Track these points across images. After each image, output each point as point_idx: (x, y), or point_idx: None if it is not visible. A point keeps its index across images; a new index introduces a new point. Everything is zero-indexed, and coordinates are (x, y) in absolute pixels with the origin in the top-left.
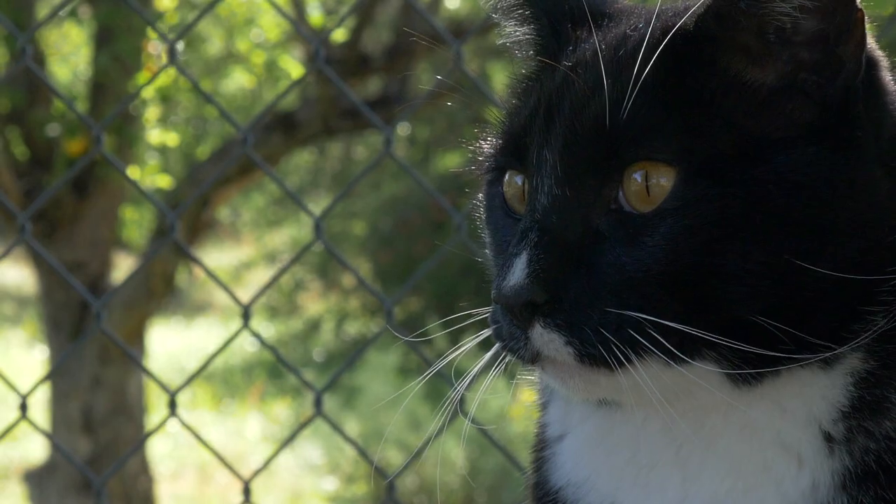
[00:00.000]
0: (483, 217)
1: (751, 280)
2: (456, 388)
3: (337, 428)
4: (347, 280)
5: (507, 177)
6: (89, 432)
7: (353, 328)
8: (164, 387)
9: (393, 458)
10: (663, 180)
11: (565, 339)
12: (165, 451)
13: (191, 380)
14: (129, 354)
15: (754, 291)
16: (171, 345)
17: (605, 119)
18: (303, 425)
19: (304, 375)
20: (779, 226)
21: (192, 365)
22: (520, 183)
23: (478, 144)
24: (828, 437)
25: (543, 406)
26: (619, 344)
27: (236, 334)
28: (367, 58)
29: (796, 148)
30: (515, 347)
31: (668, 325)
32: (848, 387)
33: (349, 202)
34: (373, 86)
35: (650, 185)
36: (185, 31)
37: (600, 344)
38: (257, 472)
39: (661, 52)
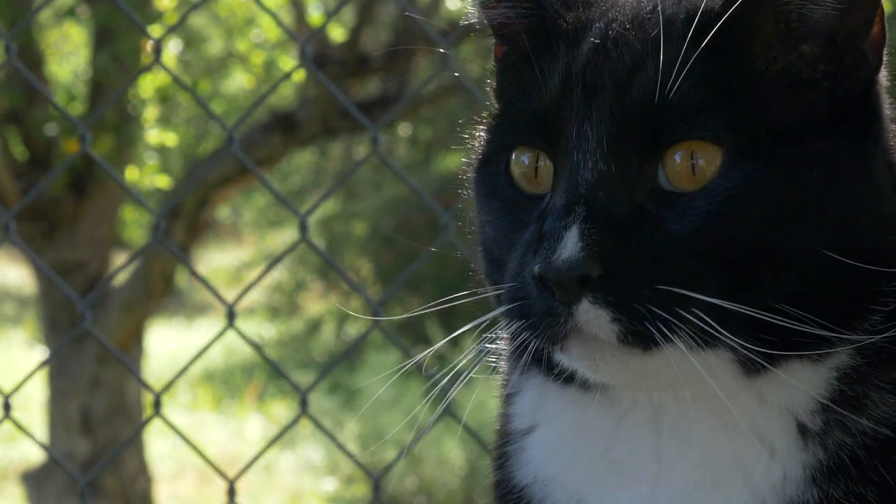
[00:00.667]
0: (481, 199)
1: (788, 264)
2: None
3: (321, 427)
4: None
5: (513, 156)
6: (88, 433)
7: (353, 329)
8: (147, 387)
9: (392, 458)
10: (708, 160)
11: (612, 316)
12: (165, 451)
13: (173, 381)
14: (108, 348)
15: (789, 276)
16: (172, 345)
17: (654, 96)
18: (288, 425)
19: (292, 376)
20: (815, 211)
21: (194, 366)
22: (527, 162)
23: (473, 131)
24: (802, 430)
25: (509, 397)
26: (666, 321)
27: (220, 333)
28: (367, 58)
29: (828, 136)
30: (547, 325)
31: (714, 304)
32: (831, 381)
33: (351, 203)
34: (373, 86)
35: (695, 164)
36: (172, 29)
37: (647, 322)
38: (242, 472)
39: (699, 32)
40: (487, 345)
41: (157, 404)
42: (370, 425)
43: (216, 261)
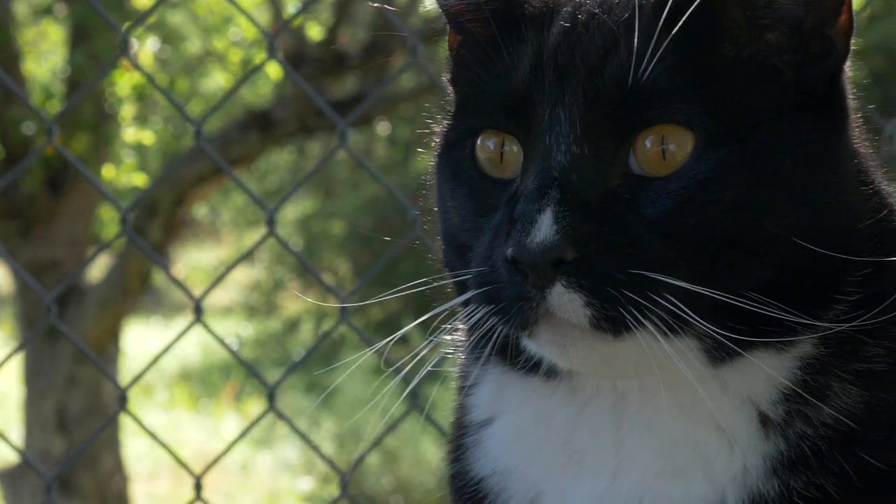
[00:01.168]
0: (445, 184)
1: (758, 250)
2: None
3: (289, 423)
4: (326, 279)
5: (479, 141)
6: (64, 431)
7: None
8: (115, 383)
9: (369, 457)
10: (680, 145)
11: (585, 300)
12: (142, 450)
13: (137, 378)
14: (73, 341)
15: (759, 263)
16: (150, 344)
17: (626, 80)
18: (256, 420)
19: (268, 374)
20: (784, 197)
21: (171, 365)
22: (492, 147)
23: (436, 121)
24: (764, 420)
25: (467, 389)
26: (638, 305)
27: (187, 329)
28: (344, 56)
29: (798, 123)
30: (518, 310)
31: (686, 289)
32: (794, 371)
33: (329, 202)
34: (350, 84)
35: (666, 149)
36: (136, 23)
37: (620, 306)
38: (208, 468)
39: (671, 17)
40: (445, 336)
41: (122, 400)
42: (347, 424)
43: (194, 260)
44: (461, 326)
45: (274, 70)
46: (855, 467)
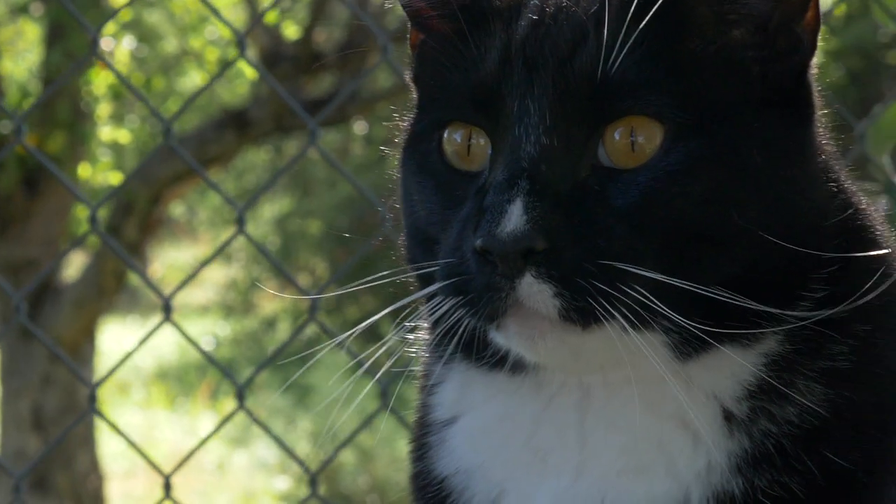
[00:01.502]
0: (411, 177)
1: (727, 244)
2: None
3: (262, 425)
4: (303, 279)
5: (446, 134)
6: (39, 430)
7: (309, 327)
8: (84, 381)
9: (344, 456)
10: (649, 137)
11: (555, 291)
12: (118, 449)
13: (108, 375)
14: (42, 340)
15: (727, 256)
16: (127, 343)
17: (596, 72)
18: (224, 420)
19: (244, 373)
20: (753, 191)
21: (147, 364)
22: (458, 140)
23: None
24: (728, 417)
25: (430, 388)
26: (608, 296)
27: (156, 328)
28: (320, 55)
29: (766, 118)
30: (487, 301)
31: (655, 280)
32: (759, 367)
33: (306, 201)
34: (327, 83)
35: (635, 141)
36: (105, 21)
37: (590, 297)
38: (177, 468)
39: (640, 10)
40: (408, 334)
41: (91, 399)
42: (323, 423)
43: (171, 258)
44: (425, 324)
45: (250, 69)
46: (819, 466)
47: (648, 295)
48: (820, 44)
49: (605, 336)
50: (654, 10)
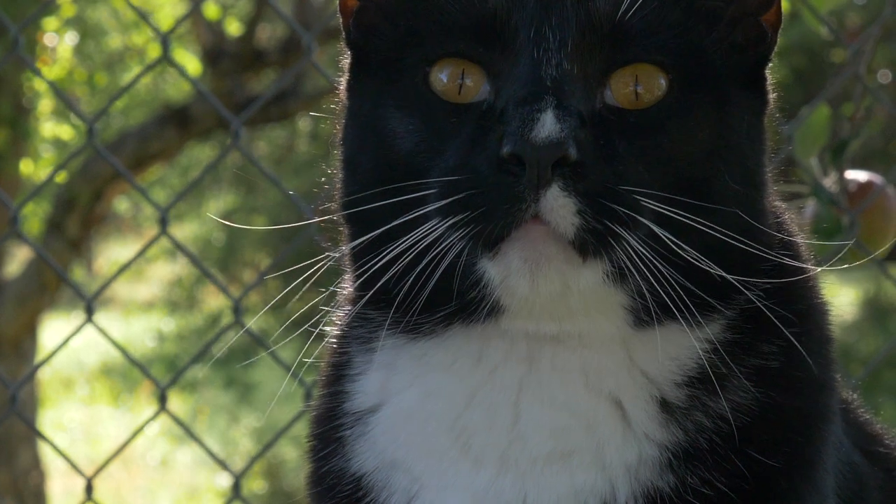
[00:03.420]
0: (387, 116)
1: (718, 200)
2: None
3: (185, 428)
4: (248, 275)
5: (432, 72)
6: None
7: (255, 323)
8: (5, 383)
9: (288, 454)
10: (656, 84)
11: (578, 207)
12: (61, 446)
13: (32, 373)
14: None
15: (714, 216)
16: (71, 340)
17: (616, 13)
18: (148, 420)
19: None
20: (737, 159)
21: (92, 359)
22: (446, 80)
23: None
24: (664, 405)
25: (346, 375)
26: (623, 223)
27: (78, 329)
28: (262, 52)
29: (746, 97)
30: (503, 213)
31: (661, 216)
32: (701, 353)
33: (251, 197)
34: (268, 79)
35: (644, 86)
36: (28, 21)
37: (607, 219)
38: (99, 471)
39: None
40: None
41: (13, 400)
42: (266, 420)
43: (116, 254)
44: (345, 306)
45: (192, 65)
46: (747, 466)
47: (657, 229)
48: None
49: (594, 277)
50: None
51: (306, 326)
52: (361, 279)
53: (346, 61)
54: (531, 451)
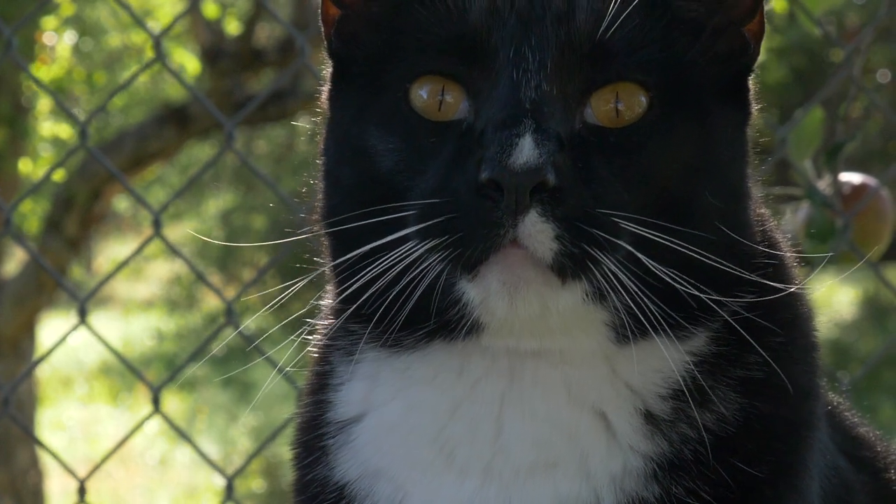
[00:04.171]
0: (368, 130)
1: (697, 220)
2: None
3: (177, 428)
4: (248, 274)
5: (412, 88)
6: None
7: (253, 322)
8: None
9: (287, 453)
10: (637, 102)
11: (556, 232)
12: (60, 445)
13: (23, 377)
14: None
15: (694, 236)
16: (70, 339)
17: (596, 33)
18: (141, 422)
19: (150, 369)
20: (717, 174)
21: (90, 359)
22: (426, 96)
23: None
24: (649, 417)
25: (329, 385)
26: (601, 247)
27: (71, 331)
28: (261, 52)
29: (728, 110)
30: (481, 238)
31: (638, 239)
32: (686, 365)
33: (250, 196)
34: (267, 79)
35: (623, 104)
36: (23, 22)
37: (586, 244)
38: (92, 472)
39: None
40: (307, 336)
41: (5, 403)
42: (265, 419)
43: (115, 253)
44: (329, 315)
45: (191, 64)
46: (731, 475)
47: (634, 251)
48: (763, 41)
49: (573, 298)
50: None
51: (305, 329)
52: (343, 295)
53: (327, 71)
54: (515, 461)
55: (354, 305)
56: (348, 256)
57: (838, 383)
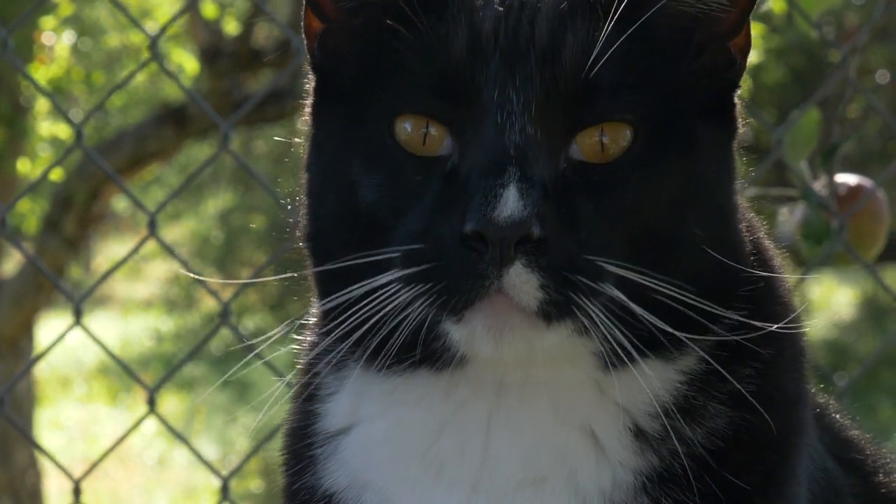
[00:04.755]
0: (351, 161)
1: (684, 252)
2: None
3: (174, 431)
4: (246, 274)
5: (396, 123)
6: None
7: (252, 322)
8: None
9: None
10: (620, 137)
11: (541, 282)
12: (58, 445)
13: (17, 378)
14: None
15: (681, 266)
16: (68, 339)
17: (581, 72)
18: (137, 422)
19: (149, 368)
20: (706, 201)
21: (89, 358)
22: (410, 130)
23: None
24: (639, 434)
25: (323, 396)
26: (586, 294)
27: (66, 332)
28: (260, 52)
29: (713, 130)
30: (466, 288)
31: (625, 282)
32: (677, 385)
33: (249, 196)
34: (266, 79)
35: (608, 141)
36: (19, 23)
37: (571, 292)
38: (87, 473)
39: (621, 15)
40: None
41: (1, 403)
42: (264, 420)
43: (114, 253)
44: (315, 328)
45: (190, 64)
46: (721, 487)
47: (621, 295)
48: (760, 42)
49: (559, 337)
50: (639, 22)
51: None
52: (328, 326)
53: (309, 85)
54: (503, 477)
55: (340, 332)
56: (335, 298)
57: (834, 385)
